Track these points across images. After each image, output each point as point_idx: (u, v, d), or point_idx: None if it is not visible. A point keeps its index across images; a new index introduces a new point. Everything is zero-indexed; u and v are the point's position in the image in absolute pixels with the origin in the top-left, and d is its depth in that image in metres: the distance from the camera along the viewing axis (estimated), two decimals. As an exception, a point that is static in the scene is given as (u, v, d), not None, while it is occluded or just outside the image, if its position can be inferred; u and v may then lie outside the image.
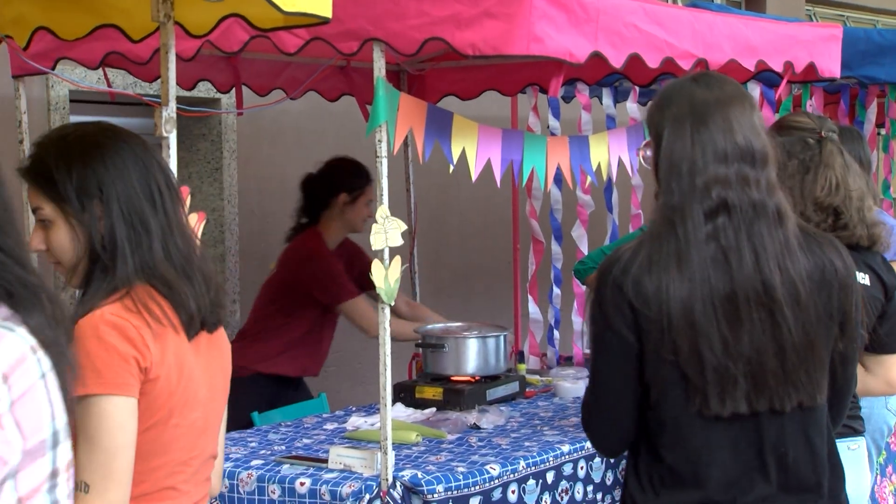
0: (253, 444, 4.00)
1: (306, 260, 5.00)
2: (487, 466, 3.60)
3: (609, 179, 4.81)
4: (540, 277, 5.48)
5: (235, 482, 3.64)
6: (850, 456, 3.20)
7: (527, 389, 4.82)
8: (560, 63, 3.67)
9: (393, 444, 3.51)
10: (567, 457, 3.87)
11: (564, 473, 3.86)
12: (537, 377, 5.11)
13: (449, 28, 3.48)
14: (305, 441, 4.07)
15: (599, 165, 4.23)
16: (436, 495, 3.42)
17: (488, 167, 3.81)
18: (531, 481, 3.72)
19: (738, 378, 2.35)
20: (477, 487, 3.52)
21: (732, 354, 2.34)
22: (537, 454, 3.79)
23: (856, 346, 2.54)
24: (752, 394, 2.37)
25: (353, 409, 4.61)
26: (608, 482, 4.03)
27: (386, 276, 3.47)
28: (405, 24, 3.52)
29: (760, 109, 2.72)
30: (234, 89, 4.96)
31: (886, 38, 5.64)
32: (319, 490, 3.50)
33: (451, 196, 7.25)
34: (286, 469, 3.65)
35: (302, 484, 3.54)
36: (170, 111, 3.18)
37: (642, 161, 2.60)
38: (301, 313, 5.04)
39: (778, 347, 2.37)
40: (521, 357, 5.09)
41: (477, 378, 4.59)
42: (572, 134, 4.41)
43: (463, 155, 3.72)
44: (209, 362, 2.35)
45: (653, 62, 3.98)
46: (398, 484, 3.44)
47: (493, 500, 3.57)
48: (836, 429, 2.57)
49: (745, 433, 2.40)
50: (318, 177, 5.14)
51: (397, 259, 3.50)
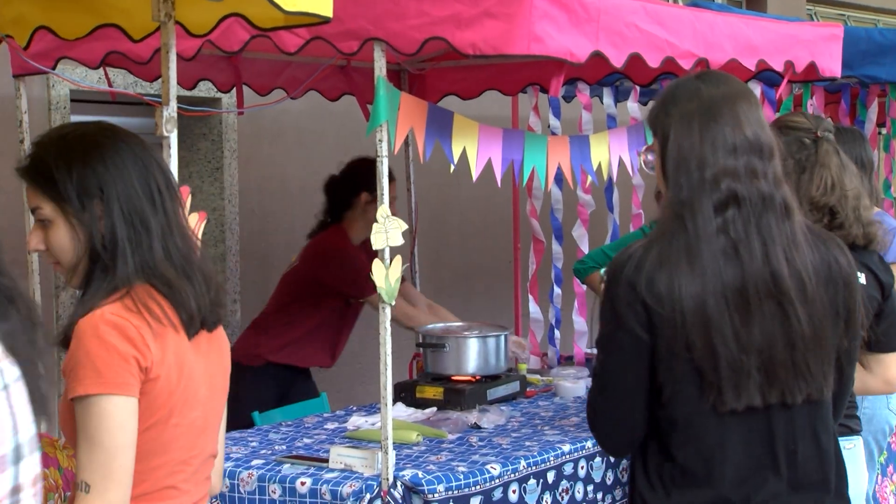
0: (254, 444, 4.00)
1: (332, 255, 5.01)
2: (488, 466, 3.60)
3: (610, 179, 4.80)
4: (540, 277, 5.48)
5: (236, 482, 3.64)
6: (847, 455, 3.20)
7: (527, 389, 4.82)
8: (561, 63, 3.67)
9: (394, 443, 3.51)
10: (567, 456, 3.87)
11: (565, 473, 3.85)
12: (538, 377, 5.11)
13: (449, 28, 3.48)
14: (306, 441, 4.07)
15: (600, 165, 4.23)
16: (436, 495, 3.42)
17: (489, 167, 3.81)
18: (532, 481, 3.72)
19: (751, 370, 2.35)
20: (478, 487, 3.52)
21: (745, 347, 2.35)
22: (538, 454, 3.78)
23: (857, 344, 2.55)
24: (765, 386, 2.37)
25: (354, 408, 4.61)
26: (608, 482, 4.03)
27: (386, 276, 3.46)
28: (405, 23, 3.52)
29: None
30: (234, 89, 4.96)
31: (887, 38, 5.64)
32: (320, 490, 3.50)
33: (451, 196, 7.24)
34: (287, 469, 3.65)
35: (303, 483, 3.54)
36: (170, 111, 3.18)
37: (643, 165, 2.60)
38: (319, 306, 5.08)
39: (787, 339, 2.37)
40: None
41: (477, 378, 4.59)
42: (573, 133, 4.40)
43: (463, 154, 3.72)
44: (209, 361, 2.35)
45: (653, 62, 3.98)
46: (399, 483, 3.44)
47: (494, 499, 3.57)
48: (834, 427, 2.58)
49: (757, 429, 2.40)
50: (340, 177, 5.18)
51: (398, 259, 3.50)
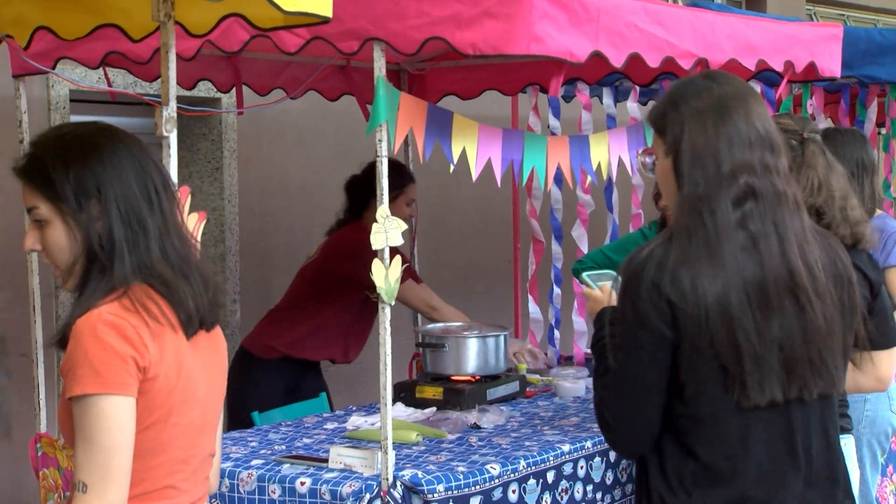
0: (253, 444, 4.00)
1: (354, 249, 4.99)
2: (488, 466, 3.60)
3: (609, 179, 4.80)
4: (540, 277, 5.48)
5: (236, 482, 3.64)
6: None
7: (527, 389, 4.82)
8: (560, 63, 3.67)
9: (393, 443, 3.51)
10: (567, 456, 3.87)
11: (564, 473, 3.85)
12: (538, 377, 5.11)
13: (449, 28, 3.48)
14: (306, 441, 4.07)
15: (600, 165, 4.23)
16: (436, 495, 3.42)
17: (488, 167, 3.81)
18: (531, 481, 3.72)
19: (773, 365, 2.37)
20: (477, 487, 3.52)
21: (766, 342, 2.36)
22: (538, 454, 3.78)
23: (852, 341, 2.57)
24: (786, 381, 2.39)
25: (354, 408, 4.61)
26: (608, 482, 4.03)
27: (386, 276, 3.46)
28: (405, 23, 3.52)
29: (761, 109, 2.73)
30: (234, 89, 4.96)
31: (887, 38, 5.64)
32: (320, 490, 3.50)
33: (451, 196, 7.24)
34: (286, 469, 3.65)
35: (302, 483, 3.54)
36: (170, 111, 3.18)
37: (642, 168, 2.61)
38: (336, 301, 5.10)
39: (804, 334, 2.39)
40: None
41: (477, 378, 4.59)
42: (572, 133, 4.40)
43: (463, 154, 3.72)
44: (207, 361, 2.35)
45: (653, 62, 3.98)
46: (398, 483, 3.44)
47: (494, 499, 3.57)
48: None
49: (777, 425, 2.41)
50: (361, 177, 5.20)
51: (397, 259, 3.50)
